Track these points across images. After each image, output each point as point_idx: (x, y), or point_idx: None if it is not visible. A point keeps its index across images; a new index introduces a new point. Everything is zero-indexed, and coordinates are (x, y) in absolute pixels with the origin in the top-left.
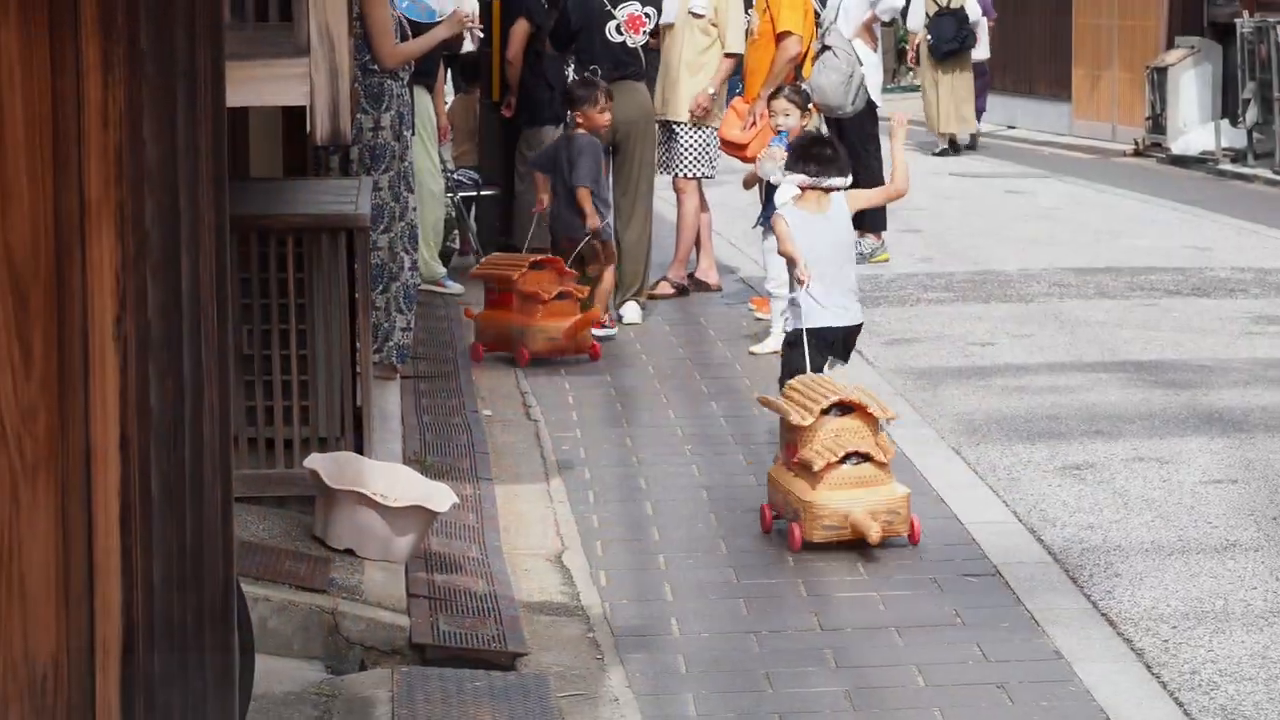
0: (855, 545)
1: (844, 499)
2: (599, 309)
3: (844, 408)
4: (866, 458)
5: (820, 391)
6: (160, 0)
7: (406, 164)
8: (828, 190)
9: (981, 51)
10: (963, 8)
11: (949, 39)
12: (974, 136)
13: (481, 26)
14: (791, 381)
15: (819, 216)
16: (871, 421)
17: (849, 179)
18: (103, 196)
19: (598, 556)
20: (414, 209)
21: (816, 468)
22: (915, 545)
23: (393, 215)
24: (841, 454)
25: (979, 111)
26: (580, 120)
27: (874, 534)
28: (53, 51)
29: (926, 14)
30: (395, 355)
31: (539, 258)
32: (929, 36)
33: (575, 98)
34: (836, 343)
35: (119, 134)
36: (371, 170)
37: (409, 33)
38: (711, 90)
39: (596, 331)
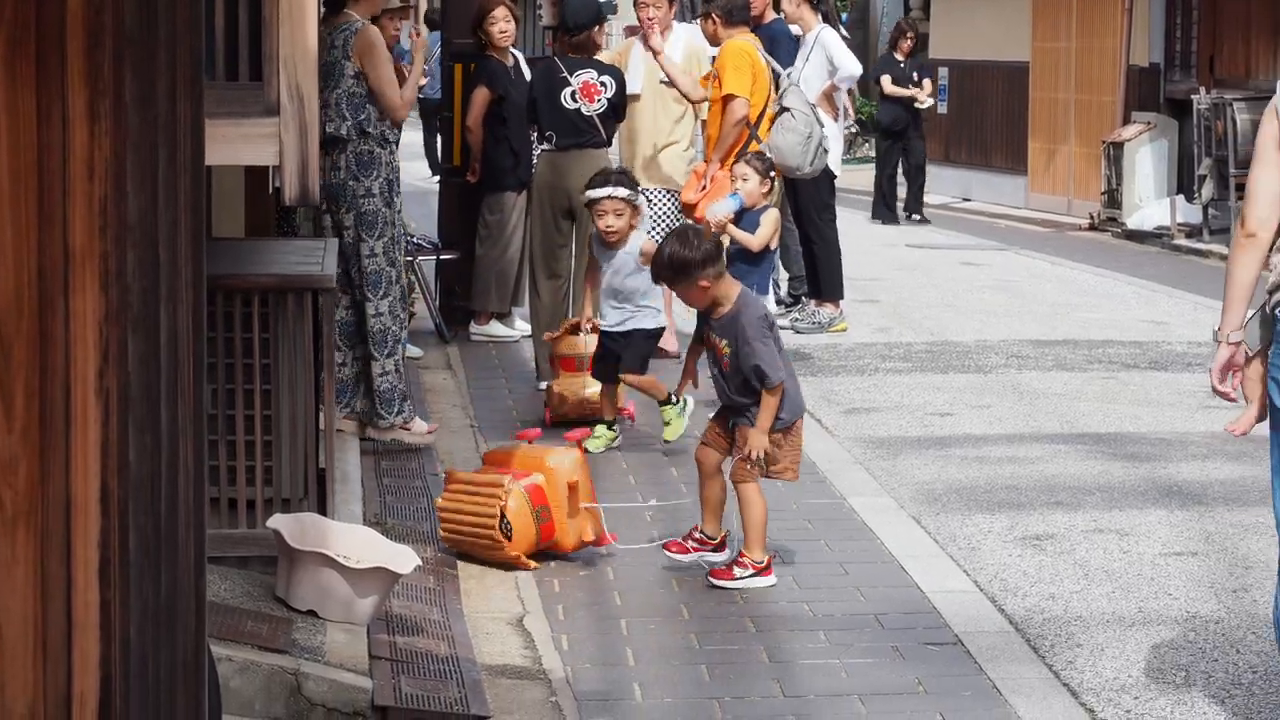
0: (818, 615)
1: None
2: None
3: None
4: None
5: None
6: (144, 53)
7: (397, 229)
8: None
9: None
10: None
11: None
12: None
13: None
14: None
15: None
16: None
17: None
18: (87, 248)
19: (559, 621)
20: (401, 274)
21: None
22: None
23: (389, 280)
24: None
25: None
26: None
27: None
28: (39, 101)
29: None
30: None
31: None
32: None
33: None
34: None
35: (104, 186)
36: (365, 237)
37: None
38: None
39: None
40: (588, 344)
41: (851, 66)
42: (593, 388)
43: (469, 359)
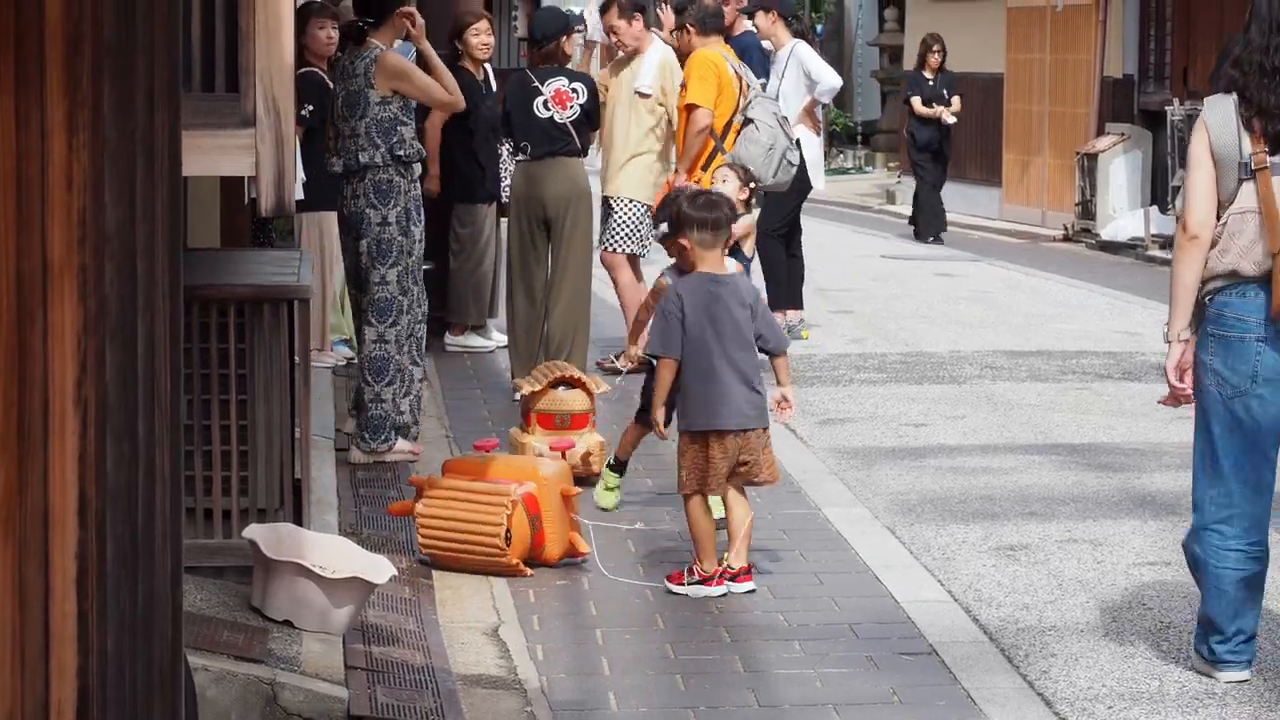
0: (793, 625)
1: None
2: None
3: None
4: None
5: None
6: (123, 64)
7: (414, 259)
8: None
9: None
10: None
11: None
12: None
13: None
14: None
15: None
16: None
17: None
18: (65, 260)
19: (534, 630)
20: (420, 302)
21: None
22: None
23: (399, 309)
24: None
25: None
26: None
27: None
28: (18, 107)
29: None
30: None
31: None
32: None
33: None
34: None
35: (83, 197)
36: (377, 265)
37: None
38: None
39: None
40: (572, 401)
41: (830, 79)
42: (580, 448)
43: (444, 370)
